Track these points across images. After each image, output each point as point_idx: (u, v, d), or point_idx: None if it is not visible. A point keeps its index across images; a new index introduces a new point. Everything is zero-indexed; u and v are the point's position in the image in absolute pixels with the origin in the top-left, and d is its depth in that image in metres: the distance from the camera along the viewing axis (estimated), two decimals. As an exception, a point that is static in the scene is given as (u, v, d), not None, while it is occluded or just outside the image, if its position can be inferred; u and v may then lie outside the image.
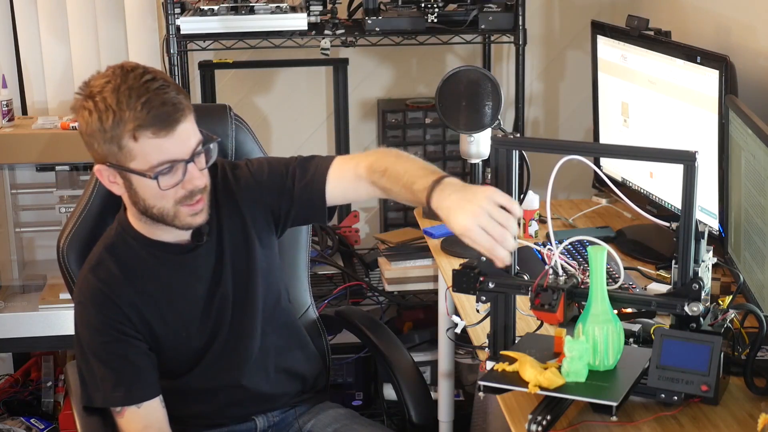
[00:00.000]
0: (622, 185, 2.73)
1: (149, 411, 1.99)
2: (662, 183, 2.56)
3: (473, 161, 2.56)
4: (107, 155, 1.89)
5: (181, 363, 2.07)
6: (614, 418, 1.66)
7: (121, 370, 1.99)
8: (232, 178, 2.08)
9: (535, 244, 2.23)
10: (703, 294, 1.71)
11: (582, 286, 1.78)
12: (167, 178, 1.88)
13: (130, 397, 1.98)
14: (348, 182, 2.04)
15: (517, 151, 1.79)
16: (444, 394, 2.94)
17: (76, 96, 1.90)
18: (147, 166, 1.86)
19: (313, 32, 3.14)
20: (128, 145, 1.85)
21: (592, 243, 1.77)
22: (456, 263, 2.13)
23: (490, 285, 1.81)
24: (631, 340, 1.87)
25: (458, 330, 2.01)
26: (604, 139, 2.85)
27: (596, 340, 1.72)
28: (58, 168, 3.28)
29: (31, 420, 3.32)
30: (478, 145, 2.51)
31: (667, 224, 1.79)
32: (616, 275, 2.23)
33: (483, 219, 1.73)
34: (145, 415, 1.98)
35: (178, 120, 1.86)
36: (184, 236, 2.03)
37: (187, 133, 1.88)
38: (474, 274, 1.82)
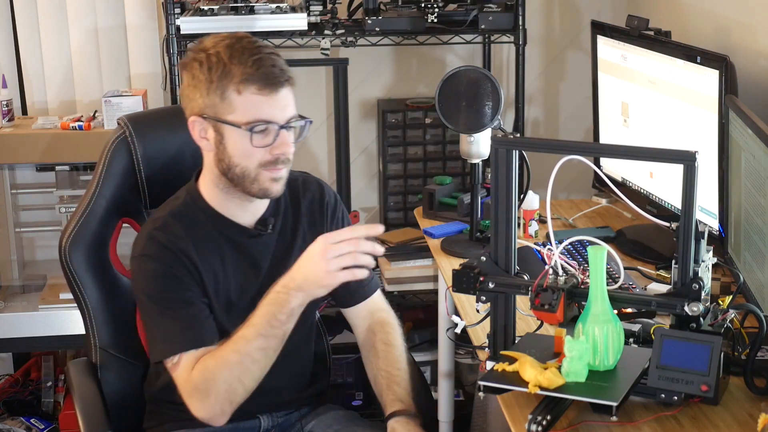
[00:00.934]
0: (622, 185, 2.73)
1: (204, 352, 1.97)
2: (662, 183, 2.56)
3: (473, 161, 2.56)
4: (206, 107, 1.95)
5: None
6: (614, 418, 1.66)
7: (188, 314, 1.98)
8: (332, 205, 2.18)
9: (535, 244, 2.24)
10: (703, 294, 1.71)
11: (582, 286, 1.78)
12: (260, 137, 1.94)
13: (199, 339, 1.96)
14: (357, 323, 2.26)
15: (517, 151, 1.80)
16: (444, 394, 2.94)
17: (189, 52, 2.00)
18: (244, 120, 1.93)
19: (313, 32, 3.14)
20: (231, 96, 1.92)
21: (592, 243, 1.77)
22: (456, 263, 2.13)
23: (490, 285, 1.81)
24: (631, 340, 1.87)
25: (458, 330, 2.01)
26: (604, 139, 2.85)
27: (596, 340, 1.73)
28: (58, 168, 3.28)
29: (31, 420, 3.33)
30: (478, 145, 2.51)
31: (667, 224, 1.79)
32: (616, 275, 2.23)
33: (332, 264, 1.85)
34: (200, 354, 1.96)
35: (282, 84, 1.94)
36: (250, 220, 2.07)
37: (287, 101, 1.97)
38: (474, 274, 1.82)
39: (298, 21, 3.12)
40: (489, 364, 1.80)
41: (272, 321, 1.90)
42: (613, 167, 2.80)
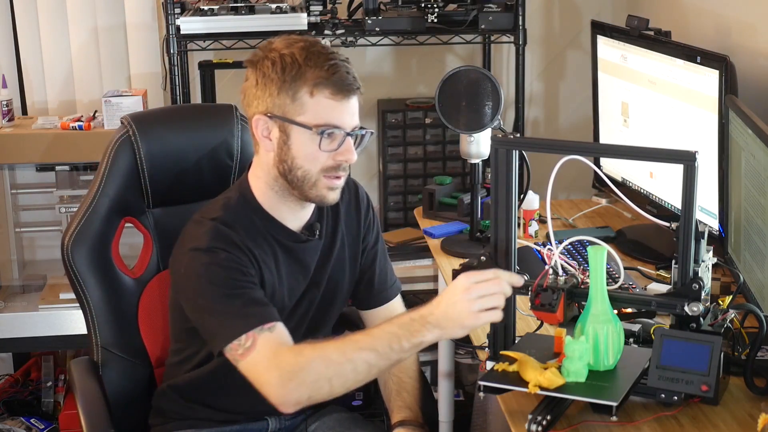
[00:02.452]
0: (622, 185, 2.73)
1: (280, 332, 1.86)
2: (662, 183, 2.56)
3: (473, 161, 2.56)
4: (274, 107, 1.93)
5: None
6: (614, 418, 1.66)
7: (257, 296, 1.91)
8: (365, 206, 2.18)
9: (535, 244, 2.24)
10: (703, 294, 1.71)
11: (582, 286, 1.78)
12: (327, 141, 1.93)
13: (265, 314, 1.86)
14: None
15: (517, 151, 1.80)
16: (444, 394, 2.94)
17: (258, 51, 1.97)
18: (314, 123, 1.92)
19: (313, 32, 3.14)
20: (302, 98, 1.91)
21: (592, 243, 1.77)
22: (456, 263, 2.13)
23: (490, 285, 1.81)
24: (631, 340, 1.87)
25: (458, 330, 2.01)
26: (604, 139, 2.85)
27: (596, 340, 1.73)
28: (58, 168, 3.29)
29: (31, 420, 3.33)
30: (478, 145, 2.51)
31: (667, 224, 1.79)
32: (616, 275, 2.23)
33: (476, 304, 1.73)
34: (277, 336, 1.85)
35: (353, 92, 1.95)
36: (298, 225, 2.05)
37: (355, 109, 1.97)
38: (474, 274, 1.82)
39: (298, 21, 3.12)
40: (489, 364, 1.80)
41: (394, 344, 1.76)
42: (613, 167, 2.80)
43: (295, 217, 2.05)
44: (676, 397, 1.69)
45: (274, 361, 1.81)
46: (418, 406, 2.12)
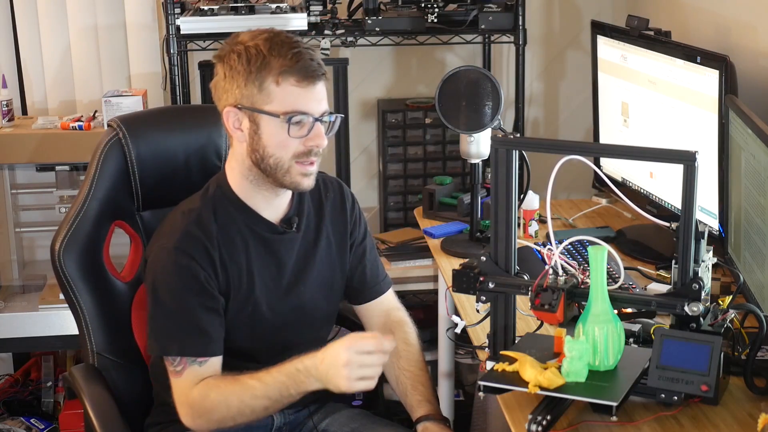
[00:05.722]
0: (622, 185, 2.73)
1: (209, 368, 2.00)
2: (662, 183, 2.56)
3: (473, 161, 2.56)
4: (242, 98, 1.98)
5: (238, 341, 2.07)
6: (614, 418, 1.67)
7: (203, 320, 1.99)
8: (350, 204, 2.21)
9: (535, 244, 2.23)
10: (703, 294, 1.71)
11: (582, 286, 1.78)
12: (296, 128, 1.97)
13: (202, 347, 1.99)
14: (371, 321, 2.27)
15: (517, 151, 1.80)
16: (444, 394, 2.94)
17: (225, 45, 2.03)
18: (281, 110, 1.95)
19: (313, 32, 3.15)
20: (269, 87, 1.95)
21: (592, 243, 1.77)
22: (456, 263, 2.14)
23: (490, 285, 1.81)
24: (631, 340, 1.87)
25: (458, 330, 2.01)
26: (604, 139, 2.85)
27: (596, 340, 1.73)
28: (58, 168, 3.29)
29: (31, 420, 3.33)
30: (478, 145, 2.51)
31: (667, 224, 1.79)
32: (616, 275, 2.23)
33: (354, 373, 1.85)
34: (204, 371, 1.99)
35: (319, 78, 1.98)
36: (275, 216, 2.08)
37: (322, 95, 2.00)
38: (474, 274, 1.82)
39: (298, 21, 3.12)
40: (489, 364, 1.80)
41: (284, 393, 1.94)
42: (613, 167, 2.80)
43: (270, 205, 2.07)
44: (676, 397, 1.69)
45: (188, 397, 1.98)
46: (435, 397, 2.15)
